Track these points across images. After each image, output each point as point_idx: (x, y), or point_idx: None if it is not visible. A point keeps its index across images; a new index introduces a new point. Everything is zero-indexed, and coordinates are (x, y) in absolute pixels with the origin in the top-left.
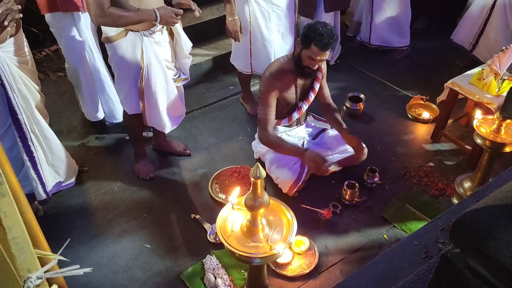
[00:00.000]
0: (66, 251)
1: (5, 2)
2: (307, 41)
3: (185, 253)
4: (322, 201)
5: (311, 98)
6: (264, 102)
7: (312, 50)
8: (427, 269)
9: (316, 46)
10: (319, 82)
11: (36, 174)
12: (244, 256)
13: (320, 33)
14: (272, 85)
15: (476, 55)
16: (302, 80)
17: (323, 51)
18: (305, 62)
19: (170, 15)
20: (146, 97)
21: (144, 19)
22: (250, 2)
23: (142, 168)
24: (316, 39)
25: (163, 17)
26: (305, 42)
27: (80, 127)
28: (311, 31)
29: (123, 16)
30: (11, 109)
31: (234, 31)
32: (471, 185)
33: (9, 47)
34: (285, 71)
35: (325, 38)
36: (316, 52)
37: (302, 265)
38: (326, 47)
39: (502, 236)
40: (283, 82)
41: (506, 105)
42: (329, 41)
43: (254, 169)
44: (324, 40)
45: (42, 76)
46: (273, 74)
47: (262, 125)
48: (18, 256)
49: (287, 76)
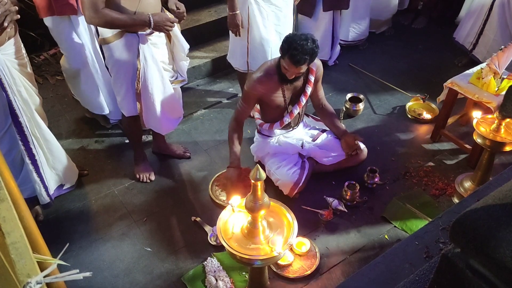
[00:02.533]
0: (67, 255)
1: (2, 4)
2: (282, 52)
3: (186, 256)
4: (322, 202)
5: (302, 102)
6: (244, 98)
7: (286, 62)
8: (428, 269)
9: (289, 60)
10: (311, 85)
11: (39, 178)
12: (245, 258)
13: (295, 47)
14: (255, 89)
15: (476, 55)
16: (291, 85)
17: (294, 66)
18: (282, 70)
19: (164, 23)
20: (143, 98)
21: (137, 23)
22: (249, 0)
23: (142, 171)
24: (290, 53)
25: (157, 24)
26: (282, 52)
27: (79, 130)
28: (288, 43)
29: (116, 19)
30: (12, 112)
31: (234, 25)
32: (472, 184)
33: (8, 50)
34: (271, 75)
35: (298, 54)
36: (289, 65)
37: (303, 267)
38: (298, 63)
39: (503, 235)
40: (268, 86)
41: (505, 104)
42: (302, 57)
43: (254, 171)
44: (296, 56)
45: (40, 80)
46: (258, 78)
47: (234, 114)
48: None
49: (274, 79)
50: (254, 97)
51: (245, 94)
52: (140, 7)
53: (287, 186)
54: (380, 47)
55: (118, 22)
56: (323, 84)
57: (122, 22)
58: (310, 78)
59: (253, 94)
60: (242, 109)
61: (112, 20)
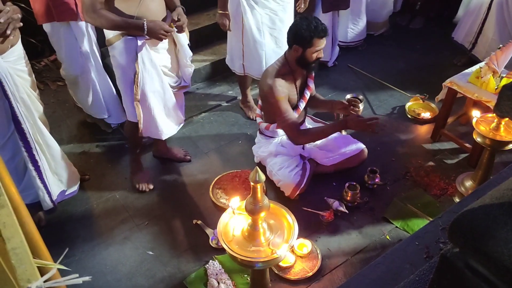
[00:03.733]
0: (69, 260)
1: (5, 12)
2: (307, 41)
3: (187, 259)
4: (323, 203)
5: (307, 96)
6: (281, 110)
7: (316, 44)
8: (428, 269)
9: (318, 38)
10: (312, 79)
11: (42, 184)
12: (246, 261)
13: (313, 26)
14: (281, 92)
15: (476, 54)
16: (299, 80)
17: (323, 38)
18: (311, 59)
19: (158, 31)
20: (141, 102)
21: (132, 27)
22: (242, 2)
23: (140, 181)
24: (315, 33)
25: (151, 31)
26: (305, 43)
27: (81, 135)
28: (306, 31)
29: (111, 20)
30: (15, 119)
31: (221, 24)
32: (473, 183)
33: (11, 57)
34: (284, 75)
35: (319, 26)
36: (320, 43)
37: (305, 268)
38: (324, 33)
39: (500, 234)
40: (287, 86)
41: (499, 103)
42: (323, 26)
43: (253, 173)
44: (319, 28)
45: (41, 86)
46: (278, 83)
47: (291, 130)
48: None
49: (288, 79)
50: (285, 100)
51: (277, 104)
52: (140, 11)
53: (289, 188)
54: (378, 48)
55: (112, 24)
56: (323, 85)
57: (117, 24)
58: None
59: (283, 98)
60: (288, 119)
61: (107, 22)
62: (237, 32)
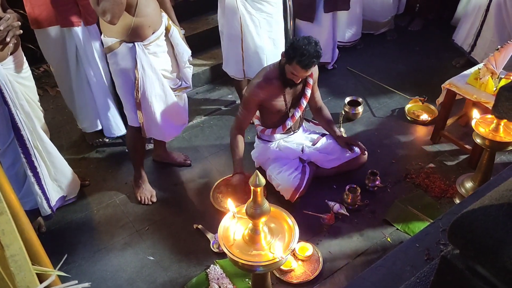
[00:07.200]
0: (70, 266)
1: (5, 19)
2: (289, 58)
3: (188, 264)
4: (324, 206)
5: (303, 105)
6: (244, 105)
7: (294, 67)
8: (429, 271)
9: (298, 65)
10: (310, 88)
11: (41, 190)
12: (247, 265)
13: (302, 52)
14: (256, 94)
15: (474, 56)
16: (294, 88)
17: (304, 70)
18: (288, 76)
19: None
20: (143, 108)
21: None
22: (240, 10)
23: (144, 193)
24: (298, 58)
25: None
26: (287, 58)
27: (80, 141)
28: (294, 49)
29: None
30: (14, 126)
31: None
32: (473, 185)
33: (10, 64)
34: (271, 80)
35: (306, 58)
36: (298, 70)
37: (306, 272)
38: (307, 67)
39: (500, 235)
40: (269, 91)
41: (496, 105)
42: (311, 60)
43: (253, 177)
44: (305, 60)
45: (40, 92)
46: (259, 84)
47: (235, 123)
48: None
49: (274, 84)
50: (255, 103)
51: (246, 100)
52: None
53: (288, 191)
54: (377, 50)
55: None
56: (322, 88)
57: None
58: (309, 81)
59: (254, 100)
60: (243, 116)
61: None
62: (235, 39)
